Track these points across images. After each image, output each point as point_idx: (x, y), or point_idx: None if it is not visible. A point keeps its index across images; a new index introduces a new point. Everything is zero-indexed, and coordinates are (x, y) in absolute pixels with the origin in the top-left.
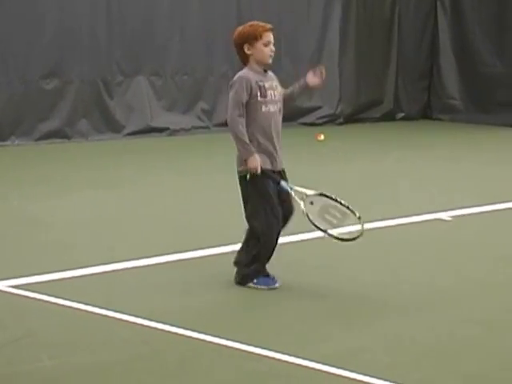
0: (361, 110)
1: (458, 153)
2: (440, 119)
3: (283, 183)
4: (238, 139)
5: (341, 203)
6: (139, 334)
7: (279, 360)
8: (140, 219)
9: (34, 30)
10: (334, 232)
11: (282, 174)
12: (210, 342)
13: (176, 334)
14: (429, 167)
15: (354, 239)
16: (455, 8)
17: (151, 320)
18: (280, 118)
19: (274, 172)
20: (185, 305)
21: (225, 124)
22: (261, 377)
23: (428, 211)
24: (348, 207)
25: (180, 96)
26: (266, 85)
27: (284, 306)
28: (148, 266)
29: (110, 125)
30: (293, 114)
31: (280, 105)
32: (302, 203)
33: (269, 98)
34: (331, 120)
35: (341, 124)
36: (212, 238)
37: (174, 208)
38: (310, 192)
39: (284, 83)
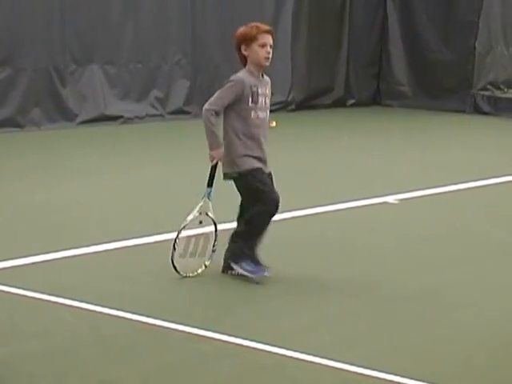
0: (312, 97)
1: (406, 138)
2: (389, 105)
3: (208, 191)
4: (209, 129)
5: (213, 246)
6: (87, 319)
7: (224, 341)
8: (92, 207)
9: None
10: (175, 259)
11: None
12: (157, 326)
13: (123, 318)
14: (378, 152)
15: (180, 274)
16: None
17: (99, 305)
18: (267, 126)
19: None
20: (133, 290)
21: (179, 112)
22: (206, 357)
23: (376, 195)
24: (213, 251)
25: (134, 84)
26: (260, 91)
27: (229, 288)
28: (97, 252)
29: (63, 113)
30: None
31: (268, 112)
32: (194, 214)
33: (259, 104)
34: (283, 107)
35: (293, 111)
36: (167, 224)
37: (129, 195)
38: (211, 215)
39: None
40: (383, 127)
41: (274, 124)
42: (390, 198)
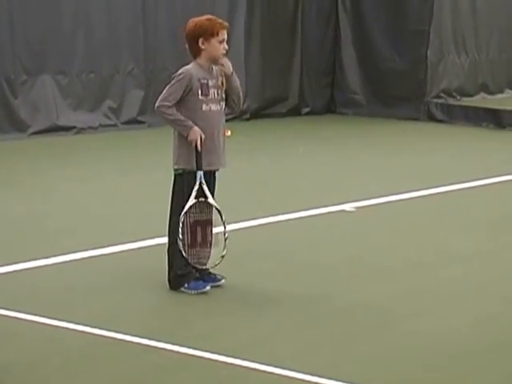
0: (267, 106)
1: (360, 146)
2: (344, 113)
3: (200, 174)
4: (172, 121)
5: (224, 234)
6: (42, 332)
7: (181, 353)
8: (49, 218)
9: None
10: (186, 249)
11: (211, 174)
12: (113, 338)
13: (78, 330)
14: (334, 160)
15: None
16: (355, 6)
17: (55, 319)
18: (223, 117)
19: (206, 172)
20: (88, 302)
21: (133, 121)
22: (163, 370)
23: (332, 203)
24: (225, 239)
25: (86, 94)
26: (210, 83)
27: (186, 300)
28: (52, 265)
29: (15, 124)
30: None
31: (223, 103)
32: (191, 200)
33: (211, 96)
34: (238, 116)
35: (247, 120)
36: (127, 234)
37: (87, 206)
38: (211, 200)
39: None
40: (338, 135)
41: (229, 133)
42: (347, 206)
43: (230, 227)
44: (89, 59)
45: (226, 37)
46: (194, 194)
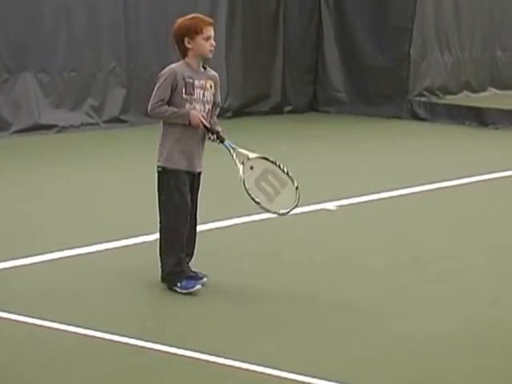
0: (249, 104)
1: (343, 144)
2: (326, 111)
3: (227, 142)
4: (167, 116)
5: (282, 169)
6: (25, 332)
7: (165, 352)
8: (34, 217)
9: None
10: (266, 206)
11: (196, 177)
12: (97, 337)
13: (62, 330)
14: (315, 159)
15: (285, 214)
16: (338, 3)
17: (39, 318)
18: (207, 119)
19: (189, 173)
20: (72, 302)
21: (115, 120)
22: (147, 369)
23: (314, 202)
24: (288, 173)
25: (68, 92)
26: (196, 82)
27: (170, 299)
28: (36, 263)
29: None
30: None
31: (209, 106)
32: (241, 168)
33: (195, 96)
34: (220, 114)
35: (229, 118)
36: (111, 233)
37: (71, 205)
38: (252, 155)
39: None
40: (321, 134)
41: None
42: (330, 205)
43: (211, 226)
44: (70, 57)
45: (212, 33)
46: (236, 161)
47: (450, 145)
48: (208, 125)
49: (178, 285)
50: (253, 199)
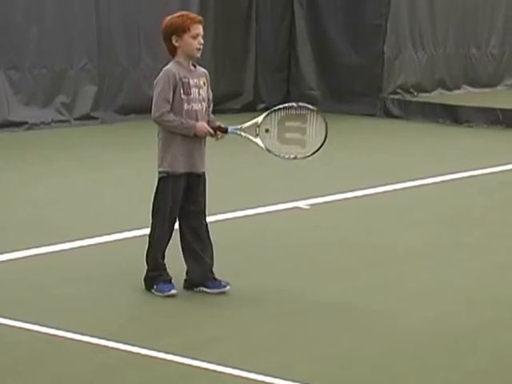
0: (220, 102)
1: None
2: None
3: (231, 128)
4: (174, 126)
5: (291, 107)
6: None
7: (130, 352)
8: (6, 217)
9: None
10: (303, 153)
11: (200, 178)
12: (61, 336)
13: (26, 329)
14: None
15: (323, 143)
16: (311, 0)
17: (1, 316)
18: (205, 117)
19: (192, 174)
20: (37, 300)
21: (86, 117)
22: (111, 369)
23: (286, 200)
24: (298, 105)
25: (38, 90)
26: (191, 82)
27: (137, 298)
28: (3, 262)
29: None
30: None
31: (205, 104)
32: (258, 141)
33: (192, 95)
34: None
35: None
36: (78, 233)
37: (36, 201)
38: (260, 120)
39: (143, 78)
40: None
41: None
42: (302, 203)
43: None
44: (41, 54)
45: (200, 31)
46: (250, 138)
47: (423, 143)
48: (212, 131)
49: (155, 287)
50: (289, 159)
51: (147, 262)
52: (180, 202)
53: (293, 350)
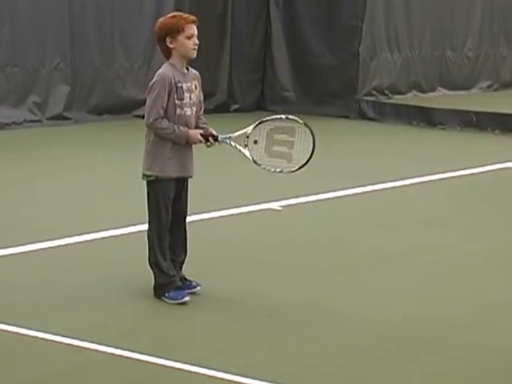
0: None
1: None
2: (274, 111)
3: (221, 137)
4: (167, 133)
5: (280, 119)
6: None
7: (100, 352)
8: None
9: None
10: (289, 168)
11: (185, 180)
12: (31, 336)
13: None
14: None
15: (310, 158)
16: (287, 0)
17: None
18: (193, 123)
19: (181, 178)
20: (8, 299)
21: (58, 117)
22: (81, 369)
23: (259, 201)
24: (287, 118)
25: (10, 89)
26: (184, 86)
27: (110, 300)
28: None
29: None
30: (127, 107)
31: (195, 108)
32: (247, 152)
33: (185, 100)
34: None
35: None
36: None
37: (7, 203)
38: (249, 130)
39: (117, 78)
40: None
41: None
42: (274, 205)
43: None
44: (13, 52)
45: (194, 31)
46: (239, 148)
47: (397, 145)
48: (204, 140)
49: (166, 294)
50: (275, 172)
51: (151, 268)
52: (171, 203)
53: (261, 350)
